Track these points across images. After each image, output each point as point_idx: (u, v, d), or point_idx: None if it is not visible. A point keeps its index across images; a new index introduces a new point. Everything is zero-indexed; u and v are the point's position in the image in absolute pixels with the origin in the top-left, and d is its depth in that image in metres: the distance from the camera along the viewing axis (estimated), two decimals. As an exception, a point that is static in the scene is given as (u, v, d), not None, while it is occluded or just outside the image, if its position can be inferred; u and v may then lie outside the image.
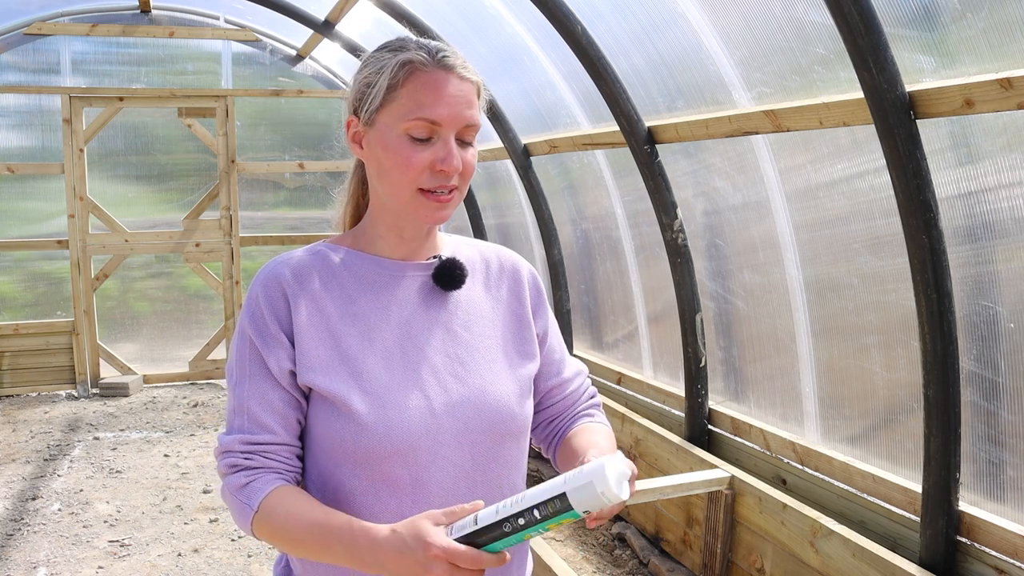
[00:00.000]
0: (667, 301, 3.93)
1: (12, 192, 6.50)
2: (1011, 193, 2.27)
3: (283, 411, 1.16)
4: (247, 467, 1.14)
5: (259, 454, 1.15)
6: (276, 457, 1.16)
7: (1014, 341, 2.34)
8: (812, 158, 2.98)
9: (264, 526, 1.11)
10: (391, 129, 1.15)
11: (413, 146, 1.14)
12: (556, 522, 0.99)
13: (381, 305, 1.21)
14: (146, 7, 6.55)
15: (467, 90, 1.17)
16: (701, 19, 3.16)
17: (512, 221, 6.03)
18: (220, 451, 1.17)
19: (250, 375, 1.16)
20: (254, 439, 1.15)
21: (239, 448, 1.15)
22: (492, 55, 5.02)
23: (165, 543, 3.89)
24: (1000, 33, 2.12)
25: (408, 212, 1.18)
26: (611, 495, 0.96)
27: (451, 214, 1.19)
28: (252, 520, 1.12)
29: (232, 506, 1.15)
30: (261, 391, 1.15)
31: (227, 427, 1.19)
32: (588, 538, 3.98)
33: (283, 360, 1.15)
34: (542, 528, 1.00)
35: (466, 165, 1.17)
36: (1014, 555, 2.33)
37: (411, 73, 1.14)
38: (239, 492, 1.13)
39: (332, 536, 1.06)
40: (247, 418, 1.16)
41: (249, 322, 1.17)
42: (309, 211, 7.41)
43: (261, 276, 1.20)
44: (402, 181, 1.15)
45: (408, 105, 1.14)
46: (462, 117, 1.15)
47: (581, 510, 0.97)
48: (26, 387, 6.51)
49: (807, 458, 3.15)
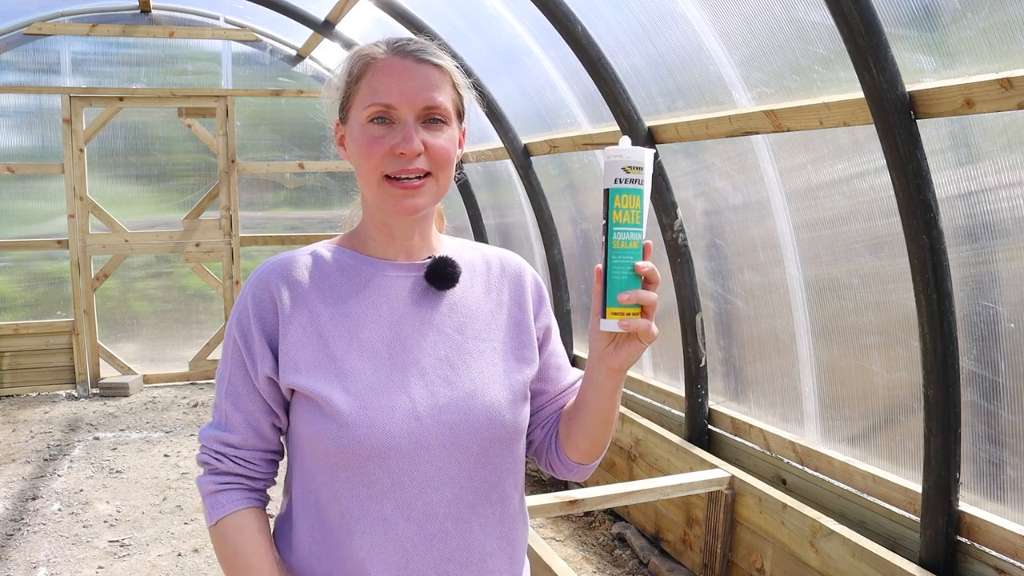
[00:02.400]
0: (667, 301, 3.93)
1: (12, 192, 6.50)
2: (1011, 193, 2.27)
3: (256, 416, 1.19)
4: (217, 470, 1.20)
5: (229, 457, 1.20)
6: (244, 464, 1.20)
7: (1014, 341, 2.34)
8: (812, 158, 2.98)
9: (215, 540, 1.20)
10: (356, 121, 1.17)
11: (373, 133, 1.14)
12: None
13: (372, 305, 1.19)
14: (146, 7, 6.55)
15: (425, 72, 1.16)
16: (701, 19, 3.16)
17: (512, 221, 6.03)
18: (200, 439, 1.23)
19: (230, 374, 1.19)
20: (226, 439, 1.20)
21: (212, 446, 1.21)
22: (492, 55, 5.02)
23: (165, 543, 3.89)
24: (1000, 33, 2.12)
25: (379, 204, 1.17)
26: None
27: (424, 204, 1.17)
28: (209, 527, 1.21)
29: (202, 500, 1.23)
30: (237, 394, 1.19)
31: (211, 416, 1.25)
32: (588, 538, 3.98)
33: (263, 366, 1.16)
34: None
35: (434, 149, 1.15)
36: (1014, 555, 2.33)
37: (367, 65, 1.17)
38: (206, 497, 1.20)
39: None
40: (223, 415, 1.20)
41: (236, 324, 1.20)
42: (309, 211, 7.41)
43: (252, 278, 1.20)
44: (367, 169, 1.15)
45: (366, 94, 1.15)
46: (419, 98, 1.14)
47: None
48: (26, 387, 6.51)
49: (807, 458, 3.15)
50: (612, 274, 1.05)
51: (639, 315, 1.06)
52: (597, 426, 1.21)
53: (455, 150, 1.20)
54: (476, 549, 1.17)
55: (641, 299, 1.05)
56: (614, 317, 1.05)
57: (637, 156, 1.05)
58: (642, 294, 1.05)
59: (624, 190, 1.05)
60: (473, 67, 4.98)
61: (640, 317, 1.06)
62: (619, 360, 1.10)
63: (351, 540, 1.13)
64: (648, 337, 1.07)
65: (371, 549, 1.12)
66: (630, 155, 1.05)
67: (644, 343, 1.08)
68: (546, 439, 1.31)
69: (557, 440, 1.29)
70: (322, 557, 1.16)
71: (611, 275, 1.05)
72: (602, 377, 1.14)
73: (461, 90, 1.22)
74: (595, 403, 1.18)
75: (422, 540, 1.13)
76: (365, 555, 1.12)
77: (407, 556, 1.13)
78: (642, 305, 1.06)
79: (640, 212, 1.05)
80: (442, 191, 1.20)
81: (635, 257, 1.05)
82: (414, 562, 1.13)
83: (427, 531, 1.14)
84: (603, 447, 1.25)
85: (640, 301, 1.05)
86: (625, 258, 1.05)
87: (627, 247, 1.05)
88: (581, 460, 1.27)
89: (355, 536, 1.13)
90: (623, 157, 1.05)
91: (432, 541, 1.14)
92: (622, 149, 1.05)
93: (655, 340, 1.07)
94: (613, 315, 1.05)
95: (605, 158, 1.06)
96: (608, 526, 4.07)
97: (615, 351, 1.11)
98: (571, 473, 1.31)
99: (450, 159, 1.18)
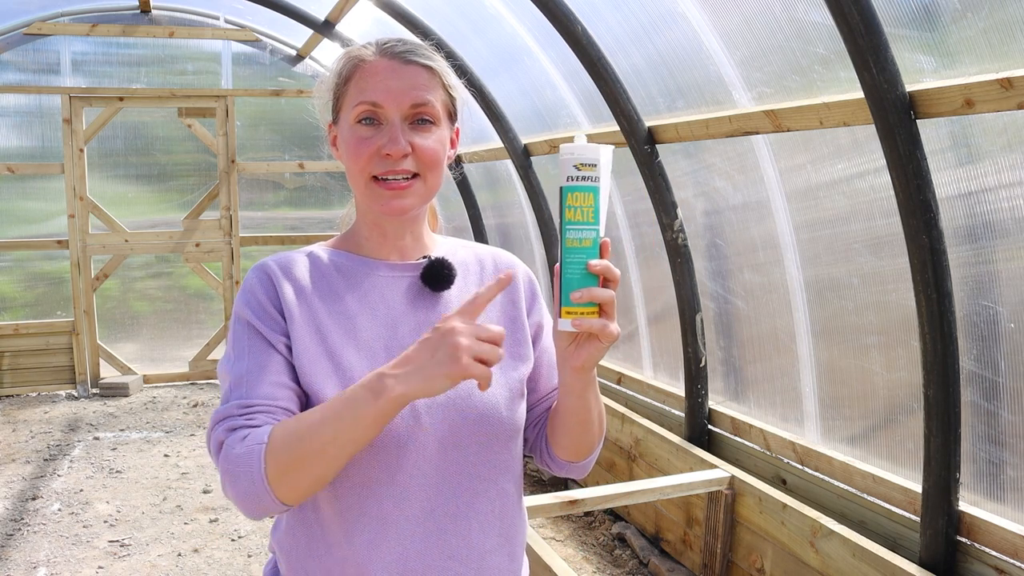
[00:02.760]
0: (667, 301, 3.93)
1: (12, 192, 6.50)
2: (1011, 193, 2.27)
3: (284, 381, 1.11)
4: (248, 425, 1.06)
5: (260, 412, 1.08)
6: (278, 417, 1.09)
7: (1014, 341, 2.34)
8: (812, 158, 2.98)
9: (278, 450, 1.02)
10: (345, 122, 1.18)
11: (361, 134, 1.15)
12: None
13: (368, 305, 1.19)
14: (146, 7, 6.55)
15: (414, 73, 1.16)
16: (701, 19, 3.16)
17: (512, 221, 6.03)
18: (217, 419, 1.09)
19: (249, 351, 1.13)
20: (253, 402, 1.09)
21: (237, 412, 1.08)
22: (492, 55, 5.02)
23: (165, 543, 3.89)
24: (1000, 33, 2.12)
25: (367, 204, 1.18)
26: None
27: (412, 205, 1.16)
28: (265, 455, 1.01)
29: (236, 464, 1.03)
30: (261, 363, 1.11)
31: (223, 403, 1.11)
32: (588, 538, 3.98)
33: (281, 336, 1.14)
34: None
35: (421, 150, 1.15)
36: (1014, 555, 2.33)
37: (356, 66, 1.17)
38: (243, 443, 1.04)
39: (353, 390, 1.01)
40: (246, 388, 1.10)
41: (244, 306, 1.16)
42: (309, 211, 7.41)
43: (253, 271, 1.20)
44: (355, 170, 1.16)
45: (354, 94, 1.16)
46: (406, 97, 1.14)
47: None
48: (26, 387, 6.51)
49: (807, 458, 3.15)
50: (565, 273, 1.04)
51: (596, 314, 1.04)
52: (574, 426, 1.20)
53: (445, 151, 1.19)
54: (476, 546, 1.17)
55: (595, 297, 1.03)
56: (568, 316, 1.04)
57: (590, 153, 1.03)
58: (596, 292, 1.03)
59: (576, 188, 1.03)
60: (473, 67, 4.98)
61: (598, 316, 1.04)
62: (580, 359, 1.08)
63: (350, 539, 1.13)
64: (607, 336, 1.04)
65: (370, 547, 1.12)
66: (582, 152, 1.03)
67: (604, 343, 1.06)
68: (539, 438, 1.32)
69: (547, 439, 1.29)
70: (321, 556, 1.15)
71: (565, 274, 1.04)
72: (568, 377, 1.14)
73: (452, 91, 1.22)
74: (566, 403, 1.18)
75: (421, 537, 1.13)
76: (364, 553, 1.12)
77: (406, 554, 1.13)
78: (599, 303, 1.04)
79: (594, 210, 1.04)
80: (431, 192, 1.20)
81: (589, 256, 1.03)
82: (413, 560, 1.13)
83: (426, 528, 1.14)
84: (589, 446, 1.24)
85: (595, 299, 1.03)
86: (578, 256, 1.03)
87: (580, 245, 1.03)
88: (570, 459, 1.27)
89: (354, 535, 1.13)
90: (575, 155, 1.03)
91: (431, 539, 1.14)
92: (574, 146, 1.04)
93: (616, 339, 1.05)
94: (567, 314, 1.04)
95: (559, 156, 1.05)
96: (608, 526, 4.07)
97: (576, 351, 1.09)
98: (565, 471, 1.31)
99: (438, 160, 1.18)
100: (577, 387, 1.14)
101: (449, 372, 0.96)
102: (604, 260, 1.04)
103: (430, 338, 0.99)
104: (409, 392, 0.98)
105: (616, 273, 1.05)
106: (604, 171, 1.05)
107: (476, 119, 5.25)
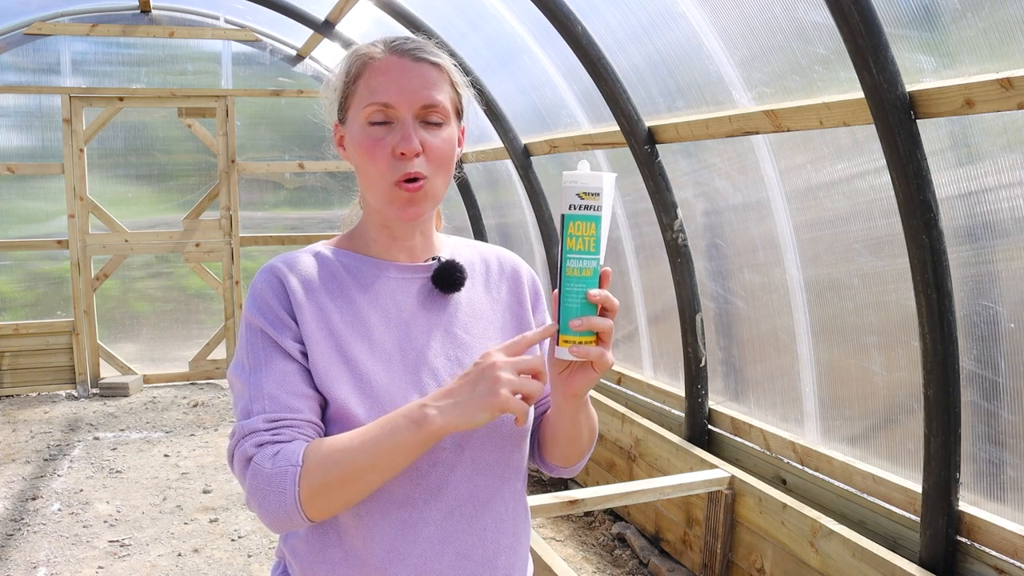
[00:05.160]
0: (667, 301, 3.93)
1: (12, 192, 6.50)
2: (1011, 193, 2.27)
3: (305, 391, 1.11)
4: (276, 441, 1.06)
5: (286, 427, 1.08)
6: (304, 431, 1.09)
7: (1014, 341, 2.34)
8: (812, 158, 2.98)
9: (313, 473, 1.03)
10: (355, 122, 1.17)
11: (374, 134, 1.14)
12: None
13: (380, 307, 1.19)
14: (146, 7, 6.55)
15: (423, 71, 1.16)
16: (701, 18, 3.16)
17: (512, 221, 6.03)
18: (242, 433, 1.08)
19: (266, 361, 1.11)
20: (279, 416, 1.08)
21: (263, 426, 1.07)
22: (492, 54, 5.02)
23: (165, 543, 3.89)
24: (1000, 33, 2.12)
25: (384, 209, 1.17)
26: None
27: (427, 208, 1.17)
28: (299, 477, 1.03)
29: (268, 482, 1.04)
30: (280, 374, 1.10)
31: (244, 416, 1.10)
32: (588, 538, 3.98)
33: (296, 343, 1.13)
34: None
35: (432, 148, 1.14)
36: (1014, 555, 2.33)
37: (365, 64, 1.16)
38: (273, 460, 1.04)
39: (393, 418, 1.04)
40: (268, 401, 1.09)
41: (256, 313, 1.14)
42: (309, 211, 7.41)
43: (261, 274, 1.18)
44: (373, 174, 1.15)
45: (364, 94, 1.15)
46: (417, 97, 1.14)
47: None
48: (26, 387, 6.51)
49: (807, 458, 3.15)
50: (565, 301, 1.04)
51: (593, 342, 1.04)
52: (564, 440, 1.23)
53: (454, 150, 1.19)
54: (490, 545, 1.18)
55: (594, 326, 1.04)
56: (566, 345, 1.04)
57: (594, 182, 1.03)
58: (595, 321, 1.04)
59: (578, 216, 1.03)
60: (472, 66, 4.98)
61: (595, 344, 1.05)
62: (574, 387, 1.10)
63: (370, 544, 1.12)
64: (602, 366, 1.05)
65: (391, 552, 1.12)
66: (586, 181, 1.03)
67: (598, 372, 1.07)
68: (531, 441, 1.33)
69: (539, 443, 1.31)
70: (337, 563, 1.14)
71: (564, 302, 1.04)
72: (560, 399, 1.15)
73: (459, 88, 1.21)
74: (557, 422, 1.20)
75: (439, 540, 1.14)
76: (385, 558, 1.12)
77: (425, 557, 1.13)
78: (597, 332, 1.04)
79: (596, 239, 1.04)
80: (442, 192, 1.20)
81: (589, 285, 1.04)
82: (432, 562, 1.13)
83: (444, 531, 1.14)
84: (578, 456, 1.27)
85: (593, 328, 1.04)
86: (578, 286, 1.03)
87: (580, 275, 1.03)
88: (559, 464, 1.30)
89: (375, 540, 1.12)
90: (578, 183, 1.03)
91: (448, 540, 1.14)
92: (578, 174, 1.03)
93: (610, 368, 1.06)
94: (565, 343, 1.04)
95: (562, 183, 1.05)
96: (608, 526, 4.07)
97: (570, 377, 1.10)
98: (555, 473, 1.34)
99: (449, 159, 1.18)
100: (568, 410, 1.16)
101: (488, 406, 1.00)
102: (604, 290, 1.05)
103: (471, 372, 1.03)
104: (449, 425, 1.02)
105: (615, 303, 1.06)
106: (607, 200, 1.05)
107: (476, 119, 5.25)
